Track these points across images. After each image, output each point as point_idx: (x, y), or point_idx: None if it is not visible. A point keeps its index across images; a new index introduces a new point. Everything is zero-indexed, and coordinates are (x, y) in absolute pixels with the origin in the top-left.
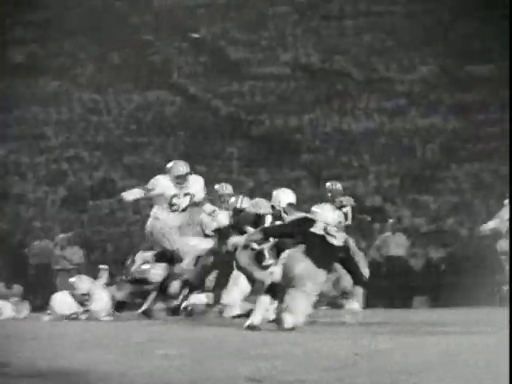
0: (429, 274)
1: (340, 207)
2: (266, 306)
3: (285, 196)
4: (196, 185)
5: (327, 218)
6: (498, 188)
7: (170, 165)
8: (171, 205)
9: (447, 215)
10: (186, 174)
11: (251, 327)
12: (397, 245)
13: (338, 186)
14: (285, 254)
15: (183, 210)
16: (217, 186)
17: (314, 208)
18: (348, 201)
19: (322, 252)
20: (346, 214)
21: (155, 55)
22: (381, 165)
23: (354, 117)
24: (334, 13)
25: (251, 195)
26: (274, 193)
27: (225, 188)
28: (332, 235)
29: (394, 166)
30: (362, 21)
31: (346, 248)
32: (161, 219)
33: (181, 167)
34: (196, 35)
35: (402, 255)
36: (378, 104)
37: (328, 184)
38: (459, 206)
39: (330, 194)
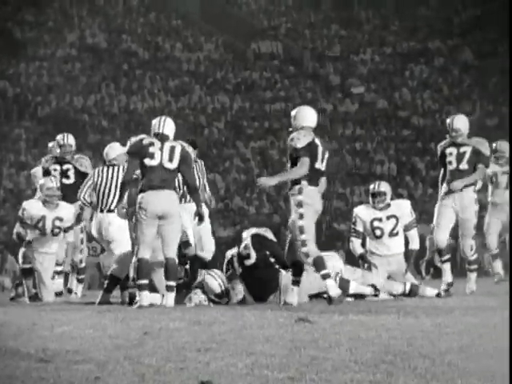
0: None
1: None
2: None
3: None
4: None
5: None
6: (285, 165)
7: None
8: None
9: (235, 193)
10: None
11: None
12: None
13: (504, 145)
14: None
15: None
16: None
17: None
18: None
19: None
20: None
21: None
22: None
23: (141, 96)
24: None
25: None
26: None
27: None
28: None
29: None
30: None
31: None
32: None
33: None
34: None
35: None
36: (164, 83)
37: (498, 143)
38: (247, 184)
39: (496, 155)
